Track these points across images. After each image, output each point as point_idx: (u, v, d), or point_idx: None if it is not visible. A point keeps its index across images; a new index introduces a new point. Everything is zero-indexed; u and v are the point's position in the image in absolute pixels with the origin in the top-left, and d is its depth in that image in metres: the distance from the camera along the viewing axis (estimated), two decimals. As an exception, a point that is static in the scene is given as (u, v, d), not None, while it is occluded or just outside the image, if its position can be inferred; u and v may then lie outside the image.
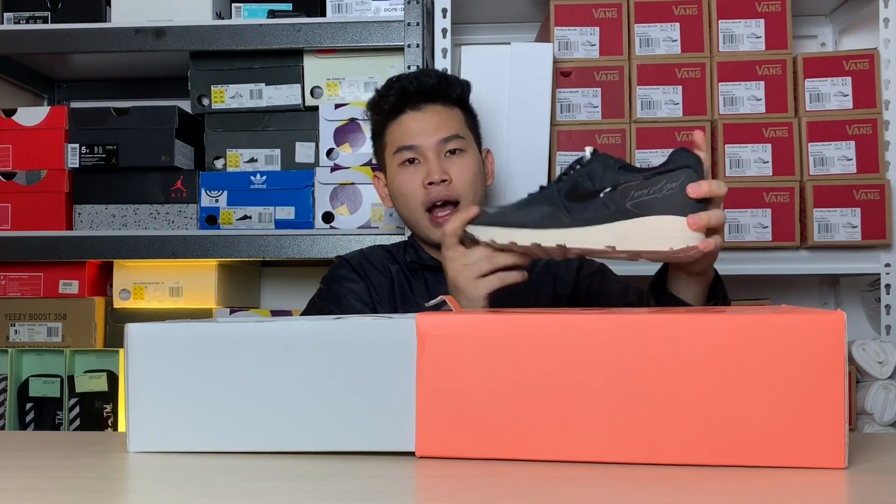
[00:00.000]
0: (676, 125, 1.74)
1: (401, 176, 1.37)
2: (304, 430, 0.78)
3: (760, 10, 1.77)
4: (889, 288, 1.74)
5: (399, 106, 1.39)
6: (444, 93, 1.40)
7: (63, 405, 1.88)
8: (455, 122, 1.40)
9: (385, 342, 0.77)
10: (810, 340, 0.71)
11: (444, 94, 1.40)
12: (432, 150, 1.36)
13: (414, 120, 1.38)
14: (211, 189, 1.86)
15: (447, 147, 1.36)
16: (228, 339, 0.79)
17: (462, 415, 0.75)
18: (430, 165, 1.34)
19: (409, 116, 1.38)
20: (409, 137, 1.37)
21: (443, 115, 1.39)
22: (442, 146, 1.36)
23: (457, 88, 1.42)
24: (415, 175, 1.35)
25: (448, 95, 1.40)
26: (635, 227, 0.95)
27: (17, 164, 1.92)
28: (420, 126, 1.37)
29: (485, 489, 0.68)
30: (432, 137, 1.36)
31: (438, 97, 1.39)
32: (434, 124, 1.37)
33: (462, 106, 1.43)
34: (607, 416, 0.73)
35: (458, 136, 1.38)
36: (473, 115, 1.47)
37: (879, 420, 1.61)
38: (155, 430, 0.80)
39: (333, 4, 1.86)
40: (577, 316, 0.76)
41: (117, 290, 1.93)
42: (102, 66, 2.13)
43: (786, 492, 0.65)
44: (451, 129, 1.38)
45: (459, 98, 1.43)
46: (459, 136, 1.38)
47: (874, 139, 1.72)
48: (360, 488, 0.68)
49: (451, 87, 1.41)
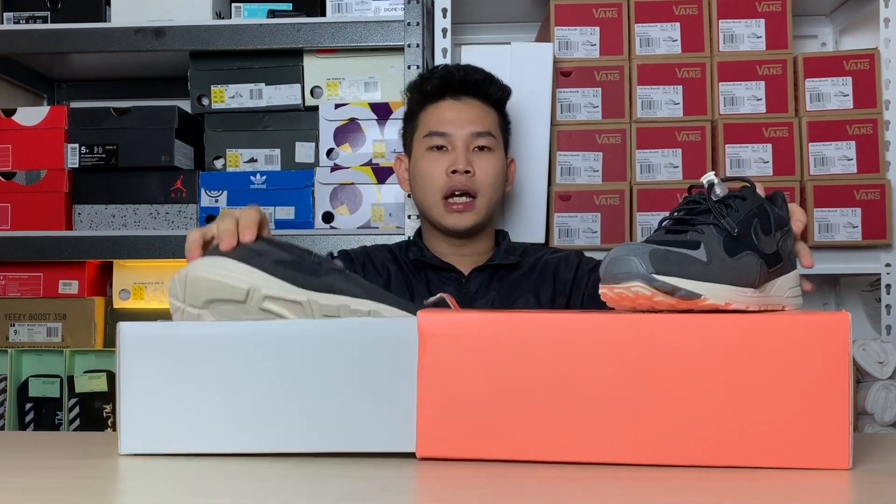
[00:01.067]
0: (676, 125, 1.74)
1: (426, 160, 1.40)
2: (303, 431, 0.78)
3: (761, 9, 1.77)
4: (889, 288, 1.74)
5: (440, 91, 1.42)
6: (486, 91, 1.43)
7: (63, 405, 1.88)
8: (490, 120, 1.43)
9: (386, 342, 0.77)
10: (815, 341, 0.71)
11: (486, 93, 1.43)
12: (462, 140, 1.39)
13: (452, 108, 1.41)
14: (211, 189, 1.86)
15: (477, 142, 1.39)
16: (224, 339, 0.79)
17: (463, 415, 0.75)
18: (458, 155, 1.37)
19: (447, 104, 1.42)
20: (444, 124, 1.40)
21: (480, 110, 1.42)
22: (472, 140, 1.39)
23: (499, 91, 1.46)
24: (440, 161, 1.38)
25: (489, 94, 1.44)
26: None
27: (17, 164, 1.92)
28: (456, 115, 1.40)
29: (485, 489, 0.67)
30: (465, 129, 1.39)
31: (480, 93, 1.43)
32: (470, 117, 1.40)
33: (499, 109, 1.46)
34: (610, 416, 0.73)
35: (490, 135, 1.41)
36: (508, 121, 1.50)
37: (880, 420, 1.61)
38: (148, 432, 0.79)
39: (333, 4, 1.86)
40: (580, 316, 0.76)
41: (117, 290, 1.93)
42: (102, 66, 2.12)
43: (790, 493, 0.65)
44: (484, 125, 1.41)
45: (499, 101, 1.46)
46: (491, 134, 1.41)
47: (874, 139, 1.72)
48: (360, 489, 0.68)
49: (493, 87, 1.45)
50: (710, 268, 0.76)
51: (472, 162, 1.38)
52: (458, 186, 1.37)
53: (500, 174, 1.42)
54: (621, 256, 0.75)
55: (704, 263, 0.76)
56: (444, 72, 1.43)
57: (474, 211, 1.38)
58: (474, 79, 1.43)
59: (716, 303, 0.75)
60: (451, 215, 1.38)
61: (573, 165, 1.75)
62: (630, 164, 1.74)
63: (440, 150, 1.39)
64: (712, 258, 0.77)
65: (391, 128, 1.83)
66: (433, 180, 1.38)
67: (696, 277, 0.75)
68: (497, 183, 1.41)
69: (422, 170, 1.40)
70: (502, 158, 1.44)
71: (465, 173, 1.37)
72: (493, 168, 1.40)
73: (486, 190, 1.39)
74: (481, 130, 1.40)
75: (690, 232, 0.79)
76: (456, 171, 1.37)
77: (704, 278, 0.75)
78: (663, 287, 0.74)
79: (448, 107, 1.41)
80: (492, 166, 1.40)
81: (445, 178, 1.38)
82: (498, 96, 1.45)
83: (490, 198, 1.40)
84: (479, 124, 1.40)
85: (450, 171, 1.37)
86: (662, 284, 0.74)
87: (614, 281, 0.75)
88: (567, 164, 1.75)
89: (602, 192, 1.72)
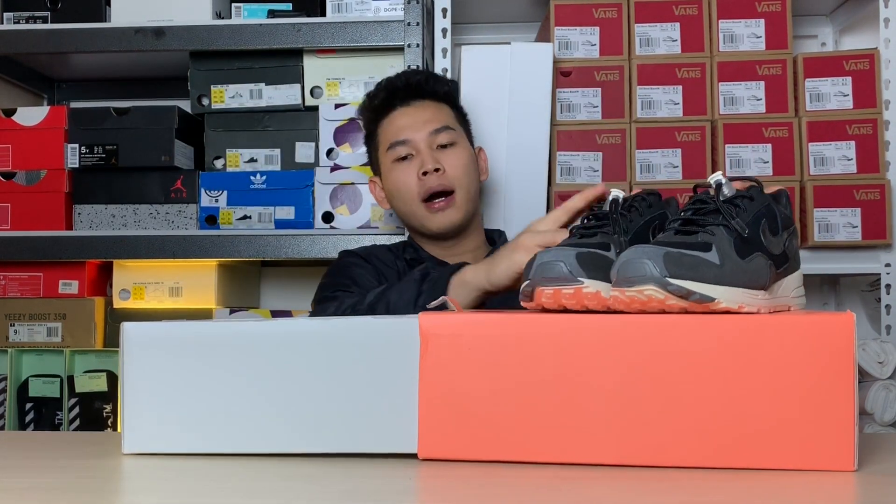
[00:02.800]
0: (676, 125, 1.74)
1: (395, 172, 1.40)
2: (304, 431, 0.78)
3: (760, 10, 1.77)
4: (889, 288, 1.74)
5: (389, 102, 1.43)
6: (431, 89, 1.44)
7: (63, 405, 1.87)
8: (444, 115, 1.43)
9: (387, 342, 0.77)
10: (820, 342, 0.71)
11: (432, 91, 1.44)
12: (424, 142, 1.39)
13: (404, 115, 1.42)
14: (211, 189, 1.86)
15: (438, 139, 1.40)
16: (227, 339, 0.79)
17: (465, 416, 0.75)
18: (423, 156, 1.38)
19: (399, 112, 1.42)
20: (401, 132, 1.40)
21: (431, 109, 1.43)
22: (433, 138, 1.40)
23: (444, 85, 1.47)
24: (408, 168, 1.38)
25: (436, 91, 1.45)
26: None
27: (17, 164, 1.91)
28: (410, 120, 1.41)
29: (486, 490, 0.67)
30: (423, 130, 1.40)
31: (426, 93, 1.44)
32: (424, 118, 1.41)
33: (451, 103, 1.47)
34: (612, 418, 0.73)
35: (449, 128, 1.41)
36: (463, 112, 1.51)
37: (880, 420, 1.61)
38: (151, 431, 0.79)
39: (333, 4, 1.86)
40: (582, 316, 0.76)
41: (117, 290, 1.93)
42: (102, 66, 2.12)
43: (794, 494, 0.65)
44: (440, 121, 1.41)
45: (447, 94, 1.47)
46: (450, 127, 1.42)
47: (874, 139, 1.72)
48: (361, 489, 0.68)
49: (438, 84, 1.46)
50: (723, 270, 0.75)
51: (440, 160, 1.38)
52: (433, 187, 1.37)
53: (470, 165, 1.42)
54: (634, 259, 0.74)
55: (718, 266, 0.75)
56: (385, 83, 1.45)
57: (455, 206, 1.38)
58: (416, 80, 1.44)
59: (728, 307, 0.74)
60: (435, 216, 1.38)
61: (573, 165, 1.75)
62: (630, 164, 1.74)
63: (406, 159, 1.40)
64: (725, 260, 0.76)
65: (391, 128, 1.83)
66: (407, 188, 1.39)
67: (710, 281, 0.74)
68: (470, 174, 1.41)
69: (394, 182, 1.41)
70: (468, 149, 1.44)
71: (435, 171, 1.37)
72: (461, 160, 1.40)
73: (461, 182, 1.39)
74: (438, 127, 1.40)
75: (701, 233, 0.78)
76: (426, 172, 1.37)
77: (718, 281, 0.74)
78: (677, 291, 0.73)
79: (400, 115, 1.42)
80: (459, 159, 1.40)
81: (418, 182, 1.38)
82: (444, 90, 1.46)
83: (467, 190, 1.40)
84: (434, 122, 1.41)
85: (420, 174, 1.37)
86: (677, 288, 0.73)
87: (627, 284, 0.74)
88: (567, 164, 1.75)
89: (602, 192, 1.72)
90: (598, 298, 0.78)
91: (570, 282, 0.78)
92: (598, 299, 0.78)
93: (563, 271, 0.79)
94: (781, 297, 0.85)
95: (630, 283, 0.74)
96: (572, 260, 0.80)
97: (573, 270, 0.79)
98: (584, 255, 0.80)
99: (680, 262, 0.74)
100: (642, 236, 0.89)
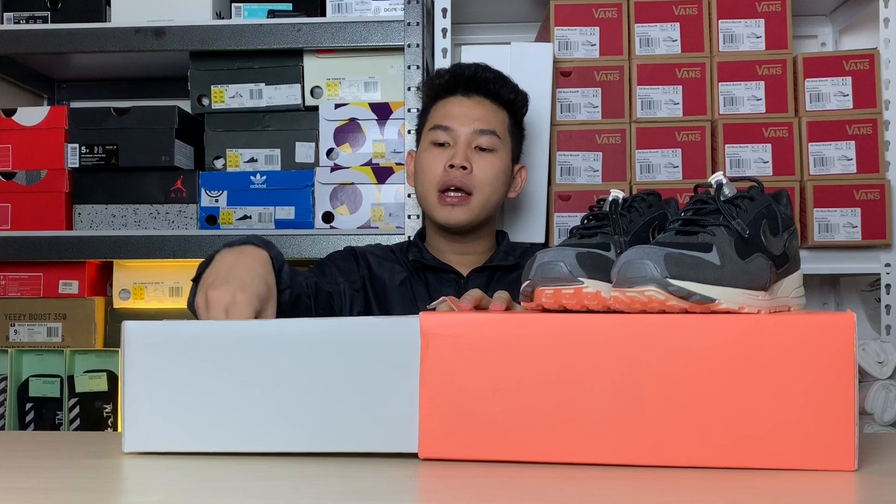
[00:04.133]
0: (676, 125, 1.74)
1: (427, 153, 1.40)
2: (305, 430, 0.78)
3: (760, 10, 1.77)
4: (889, 288, 1.74)
5: (451, 86, 1.43)
6: (496, 90, 1.42)
7: (63, 405, 1.88)
8: (497, 121, 1.42)
9: (388, 342, 0.77)
10: (820, 342, 0.71)
11: (496, 92, 1.42)
12: (464, 137, 1.38)
13: (459, 104, 1.41)
14: (211, 189, 1.86)
15: (479, 140, 1.39)
16: (228, 339, 0.79)
17: (466, 416, 0.75)
18: (458, 150, 1.37)
19: (455, 99, 1.42)
20: (448, 118, 1.40)
21: (488, 109, 1.41)
22: (475, 137, 1.39)
23: (510, 93, 1.44)
24: (440, 156, 1.38)
25: (499, 94, 1.43)
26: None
27: (17, 164, 1.91)
28: (462, 111, 1.40)
29: (486, 490, 0.67)
30: (469, 126, 1.39)
31: (489, 93, 1.42)
32: (475, 114, 1.40)
33: (511, 112, 1.45)
34: (612, 417, 0.73)
35: (494, 134, 1.40)
36: (521, 127, 1.49)
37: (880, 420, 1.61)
38: (151, 430, 0.79)
39: (333, 4, 1.86)
40: (582, 316, 0.76)
41: (117, 290, 1.93)
42: (102, 66, 2.12)
43: (795, 494, 0.65)
44: (489, 124, 1.40)
45: (511, 103, 1.44)
46: (496, 134, 1.40)
47: (874, 139, 1.72)
48: (361, 489, 0.68)
49: (504, 88, 1.44)
50: (723, 271, 0.75)
51: (472, 159, 1.37)
52: (454, 182, 1.37)
53: (501, 176, 1.40)
54: (635, 260, 0.74)
55: (718, 267, 0.75)
56: (454, 67, 1.45)
57: (467, 207, 1.38)
58: (484, 77, 1.42)
59: (729, 307, 0.74)
60: (444, 209, 1.38)
61: (573, 165, 1.75)
62: (630, 164, 1.74)
63: (442, 146, 1.39)
64: (725, 261, 0.76)
65: (391, 128, 1.83)
66: (431, 173, 1.39)
67: (711, 282, 0.74)
68: (496, 184, 1.40)
69: (422, 163, 1.41)
70: (506, 161, 1.42)
71: (461, 169, 1.36)
72: (493, 168, 1.39)
73: (482, 188, 1.38)
74: (485, 128, 1.39)
75: (701, 233, 0.79)
76: (453, 165, 1.36)
77: (719, 282, 0.74)
78: (678, 292, 0.73)
79: (456, 102, 1.41)
80: (491, 166, 1.39)
81: (443, 172, 1.37)
82: (510, 98, 1.44)
83: (487, 198, 1.39)
84: (483, 122, 1.39)
85: (447, 166, 1.37)
86: (677, 289, 0.73)
87: (627, 284, 0.74)
88: (567, 164, 1.75)
89: (602, 193, 1.72)
90: (598, 298, 0.78)
91: (570, 282, 0.79)
92: (599, 299, 0.78)
93: (563, 271, 0.79)
94: (782, 297, 0.85)
95: (631, 283, 0.74)
96: (572, 260, 0.80)
97: (573, 270, 0.79)
98: (584, 255, 0.81)
99: (681, 263, 0.74)
100: (642, 236, 0.89)
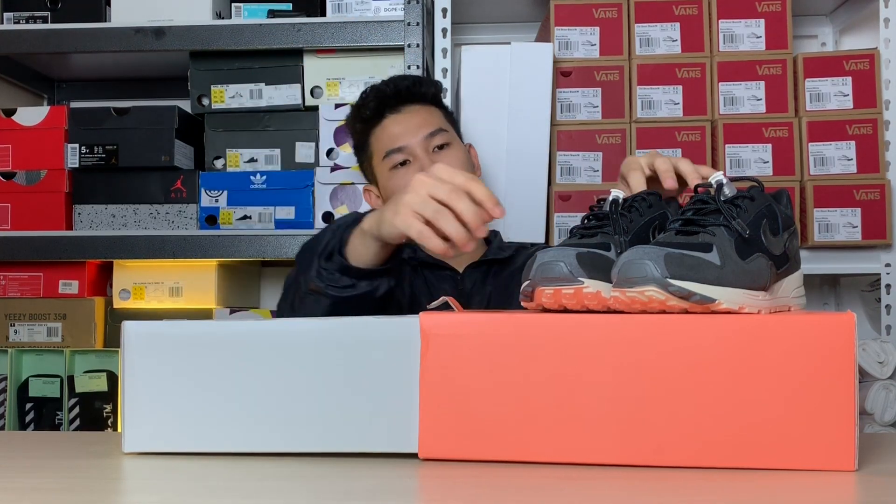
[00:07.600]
0: (676, 125, 1.74)
1: (395, 178, 1.39)
2: (305, 430, 0.78)
3: (760, 9, 1.77)
4: (889, 288, 1.74)
5: (379, 111, 1.42)
6: (419, 93, 1.44)
7: (63, 405, 1.87)
8: (435, 118, 1.43)
9: (387, 342, 0.77)
10: (820, 342, 0.71)
11: (420, 94, 1.44)
12: (420, 146, 1.39)
13: (396, 122, 1.41)
14: (211, 189, 1.86)
15: (433, 142, 1.40)
16: (228, 339, 0.79)
17: (466, 416, 0.75)
18: (422, 161, 1.37)
19: (390, 120, 1.42)
20: (396, 140, 1.39)
21: (422, 113, 1.42)
22: (428, 142, 1.39)
23: (431, 87, 1.47)
24: (408, 173, 1.38)
25: (423, 95, 1.44)
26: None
27: (17, 164, 1.91)
28: (403, 127, 1.40)
29: (486, 490, 0.67)
30: (418, 135, 1.39)
31: (415, 98, 1.43)
32: (416, 123, 1.40)
33: (438, 104, 1.47)
34: (612, 417, 0.73)
35: (442, 130, 1.41)
36: (450, 111, 1.52)
37: (880, 420, 1.61)
38: (151, 430, 0.79)
39: (333, 4, 1.86)
40: (582, 316, 0.76)
41: (117, 290, 1.93)
42: (102, 66, 2.12)
43: (795, 494, 0.65)
44: (433, 124, 1.41)
45: (434, 97, 1.47)
46: (443, 129, 1.42)
47: (874, 139, 1.72)
48: (361, 489, 0.68)
49: (425, 87, 1.45)
50: (723, 271, 0.75)
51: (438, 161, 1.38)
52: None
53: (466, 164, 1.42)
54: (635, 260, 0.74)
55: (718, 267, 0.75)
56: (374, 92, 1.44)
57: None
58: (405, 86, 1.43)
59: (729, 307, 0.74)
60: None
61: (573, 165, 1.75)
62: (630, 164, 1.74)
63: (404, 164, 1.39)
64: (725, 261, 0.76)
65: (391, 128, 1.83)
66: None
67: (711, 282, 0.74)
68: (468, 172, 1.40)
69: (394, 188, 1.38)
70: (462, 149, 1.45)
71: None
72: (458, 160, 1.40)
73: None
74: (433, 130, 1.40)
75: (701, 233, 0.78)
76: None
77: (719, 282, 0.74)
78: (678, 292, 0.73)
79: (392, 122, 1.41)
80: (456, 159, 1.40)
81: None
82: (431, 93, 1.46)
83: None
84: (427, 125, 1.40)
85: None
86: (678, 289, 0.72)
87: (627, 285, 0.74)
88: (567, 164, 1.75)
89: (602, 193, 1.72)
90: (598, 298, 0.78)
91: (570, 282, 0.79)
92: (599, 299, 0.78)
93: (563, 271, 0.79)
94: (782, 297, 0.85)
95: (631, 283, 0.74)
96: (572, 260, 0.80)
97: (573, 270, 0.79)
98: (585, 255, 0.80)
99: (681, 263, 0.73)
100: (643, 236, 0.89)
